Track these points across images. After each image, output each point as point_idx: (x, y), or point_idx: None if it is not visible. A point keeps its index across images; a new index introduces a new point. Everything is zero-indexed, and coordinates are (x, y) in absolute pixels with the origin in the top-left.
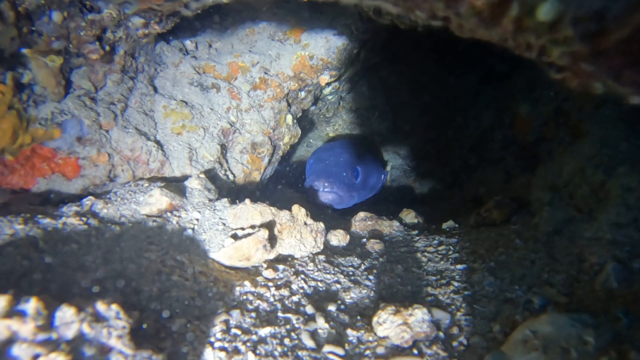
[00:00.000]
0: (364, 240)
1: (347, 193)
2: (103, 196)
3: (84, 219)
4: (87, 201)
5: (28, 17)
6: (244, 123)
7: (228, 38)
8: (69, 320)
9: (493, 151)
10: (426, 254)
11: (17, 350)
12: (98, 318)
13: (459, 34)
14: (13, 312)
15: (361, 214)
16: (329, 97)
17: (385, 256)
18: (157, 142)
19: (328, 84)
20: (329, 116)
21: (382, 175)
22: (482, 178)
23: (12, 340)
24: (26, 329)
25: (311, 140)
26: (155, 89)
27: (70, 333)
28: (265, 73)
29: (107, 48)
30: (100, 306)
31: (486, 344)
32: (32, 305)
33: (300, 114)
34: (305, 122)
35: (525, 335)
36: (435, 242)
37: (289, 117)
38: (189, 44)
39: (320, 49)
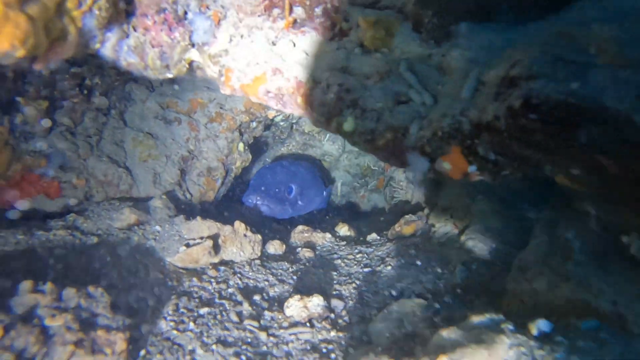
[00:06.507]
0: (299, 249)
1: (278, 206)
2: (83, 213)
3: (69, 231)
4: (70, 217)
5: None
6: (201, 151)
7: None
8: (71, 296)
9: None
10: (345, 260)
11: (40, 311)
12: (89, 296)
13: None
14: (37, 291)
15: (299, 227)
16: (281, 123)
17: (312, 262)
18: (127, 168)
19: (276, 116)
20: (283, 137)
21: (324, 192)
22: None
23: (36, 305)
24: (45, 299)
25: (267, 160)
26: (125, 123)
27: (72, 303)
28: (221, 108)
29: (85, 92)
30: (91, 289)
31: (362, 320)
32: (48, 287)
33: (252, 141)
34: (261, 144)
35: (384, 314)
36: (356, 251)
37: (241, 145)
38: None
39: None
